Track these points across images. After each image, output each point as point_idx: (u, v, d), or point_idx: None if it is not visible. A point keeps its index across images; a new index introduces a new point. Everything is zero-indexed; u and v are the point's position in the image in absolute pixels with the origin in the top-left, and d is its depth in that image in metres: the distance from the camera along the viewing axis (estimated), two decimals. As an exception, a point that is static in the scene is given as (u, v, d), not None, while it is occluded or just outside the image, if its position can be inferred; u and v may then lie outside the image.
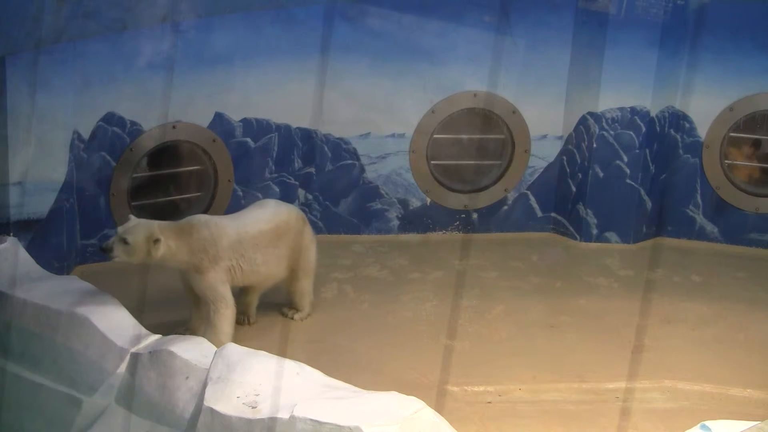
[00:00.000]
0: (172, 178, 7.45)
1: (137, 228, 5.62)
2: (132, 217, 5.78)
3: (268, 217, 6.13)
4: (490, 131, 8.02)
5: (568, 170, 8.04)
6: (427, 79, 7.75)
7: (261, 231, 6.04)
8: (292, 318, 6.44)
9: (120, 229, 5.63)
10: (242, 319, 6.31)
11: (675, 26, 7.61)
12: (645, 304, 6.78)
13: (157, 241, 5.60)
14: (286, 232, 6.19)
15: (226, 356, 4.46)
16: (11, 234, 6.10)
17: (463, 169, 8.12)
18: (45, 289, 5.30)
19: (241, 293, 6.24)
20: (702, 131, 7.94)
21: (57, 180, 6.60)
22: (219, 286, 5.81)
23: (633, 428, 5.38)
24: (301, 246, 6.31)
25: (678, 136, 7.97)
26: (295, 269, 6.33)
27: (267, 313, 6.42)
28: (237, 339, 5.64)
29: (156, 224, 5.72)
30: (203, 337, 5.37)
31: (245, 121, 7.47)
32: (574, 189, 8.01)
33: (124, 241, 5.56)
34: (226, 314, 5.81)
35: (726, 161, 7.99)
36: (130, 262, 5.70)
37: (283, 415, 4.05)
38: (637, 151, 7.83)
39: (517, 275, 7.34)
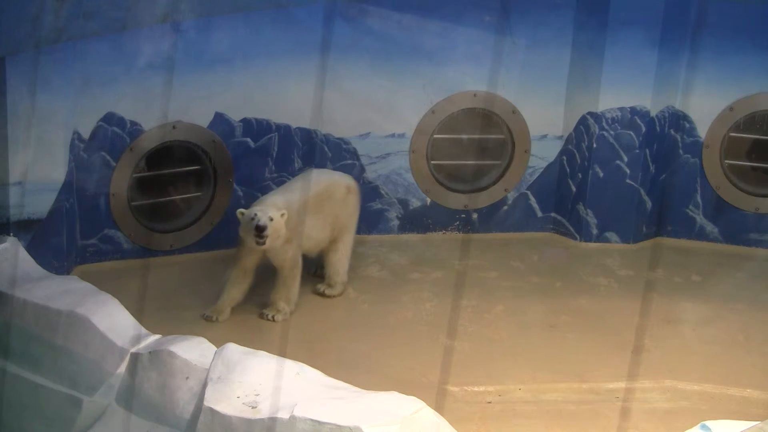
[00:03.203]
0: (172, 178, 7.44)
1: (268, 207, 6.07)
2: (240, 210, 6.17)
3: (310, 185, 6.52)
4: (490, 131, 8.01)
5: (568, 170, 8.04)
6: (427, 79, 7.74)
7: (304, 199, 6.41)
8: (324, 293, 6.74)
9: (257, 211, 5.99)
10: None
11: (675, 26, 7.61)
12: (645, 304, 6.78)
13: (283, 215, 6.08)
14: (328, 198, 6.62)
15: (226, 356, 4.46)
16: (11, 234, 6.09)
17: (463, 169, 8.11)
18: (45, 289, 5.29)
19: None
20: (702, 131, 7.93)
21: (57, 180, 6.59)
22: (297, 253, 6.37)
23: (633, 428, 5.38)
24: (344, 213, 6.75)
25: (678, 136, 7.96)
26: (335, 238, 6.70)
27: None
28: (236, 338, 5.60)
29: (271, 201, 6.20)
30: (276, 296, 6.32)
31: (245, 121, 7.46)
32: (574, 189, 8.00)
33: (270, 219, 5.99)
34: (298, 277, 6.42)
35: (726, 161, 7.98)
36: (273, 246, 6.13)
37: (283, 415, 4.05)
38: (637, 151, 7.83)
39: (517, 275, 7.34)
